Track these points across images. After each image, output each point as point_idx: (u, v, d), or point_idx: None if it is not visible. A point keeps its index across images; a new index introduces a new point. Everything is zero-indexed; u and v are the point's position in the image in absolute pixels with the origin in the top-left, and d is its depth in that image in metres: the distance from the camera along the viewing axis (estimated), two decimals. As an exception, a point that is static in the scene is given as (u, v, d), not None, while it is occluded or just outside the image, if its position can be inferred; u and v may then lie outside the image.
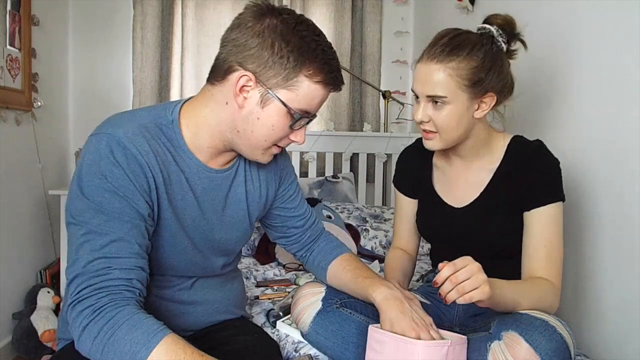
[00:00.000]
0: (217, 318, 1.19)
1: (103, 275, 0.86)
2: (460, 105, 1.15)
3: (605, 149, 1.43)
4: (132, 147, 0.92)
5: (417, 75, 1.18)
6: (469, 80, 1.13)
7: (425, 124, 1.19)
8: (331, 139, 2.87)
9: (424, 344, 0.97)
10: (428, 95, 1.16)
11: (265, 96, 0.95)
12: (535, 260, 1.17)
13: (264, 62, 0.93)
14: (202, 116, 1.01)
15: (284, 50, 0.92)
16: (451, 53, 1.13)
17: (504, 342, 0.98)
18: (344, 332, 1.18)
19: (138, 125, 0.96)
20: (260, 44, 0.92)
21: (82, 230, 0.89)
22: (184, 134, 1.02)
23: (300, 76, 0.94)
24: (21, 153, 2.29)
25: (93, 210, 0.89)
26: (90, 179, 0.90)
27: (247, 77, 0.94)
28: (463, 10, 2.31)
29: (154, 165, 0.95)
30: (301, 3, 2.97)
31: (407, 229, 1.45)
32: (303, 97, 0.96)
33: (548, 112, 1.68)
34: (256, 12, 0.95)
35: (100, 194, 0.89)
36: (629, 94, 1.34)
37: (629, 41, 1.34)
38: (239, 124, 0.98)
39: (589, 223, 1.49)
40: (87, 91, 2.81)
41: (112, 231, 0.88)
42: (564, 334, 0.98)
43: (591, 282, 1.49)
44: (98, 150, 0.91)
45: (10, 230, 2.17)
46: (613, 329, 1.40)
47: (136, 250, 0.90)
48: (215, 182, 1.07)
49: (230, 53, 0.95)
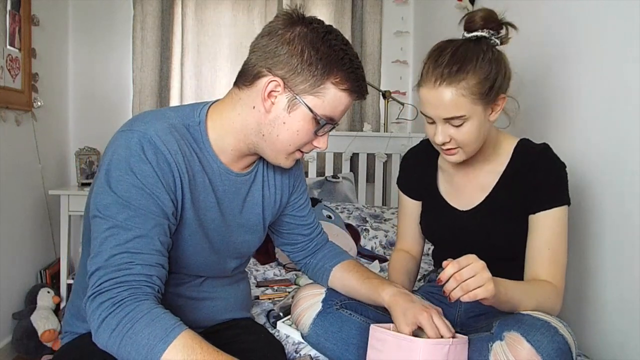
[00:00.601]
0: (224, 316, 1.20)
1: (125, 269, 0.87)
2: (478, 117, 1.14)
3: (606, 151, 1.43)
4: (162, 146, 0.94)
5: (427, 100, 1.15)
6: (482, 94, 1.12)
7: (447, 144, 1.18)
8: (331, 139, 2.85)
9: (425, 342, 0.97)
10: (445, 118, 1.14)
11: (292, 101, 0.97)
12: (539, 263, 1.17)
13: (293, 68, 0.95)
14: (228, 119, 1.03)
15: (313, 57, 0.95)
16: (459, 71, 1.11)
17: (506, 342, 0.98)
18: (344, 334, 1.18)
19: (168, 125, 0.98)
20: (290, 51, 0.95)
21: (107, 224, 0.90)
22: (210, 135, 1.04)
23: (327, 83, 0.97)
24: (21, 153, 2.29)
25: (120, 205, 0.90)
26: (119, 174, 0.91)
27: (276, 83, 0.96)
28: (463, 10, 2.31)
29: (181, 164, 0.97)
30: (301, 3, 2.97)
31: (411, 230, 1.44)
32: (329, 104, 0.98)
33: (549, 115, 1.68)
34: (287, 20, 0.97)
35: (128, 190, 0.90)
36: (630, 96, 1.34)
37: (631, 43, 1.34)
38: (265, 128, 1.00)
39: (590, 224, 1.49)
40: (87, 91, 2.81)
41: (137, 227, 0.90)
42: (565, 335, 0.98)
43: (592, 283, 1.49)
44: (129, 147, 0.92)
45: (10, 230, 2.16)
46: (614, 330, 1.40)
47: (158, 247, 0.91)
48: (235, 186, 1.09)
49: (260, 59, 0.97)
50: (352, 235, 2.25)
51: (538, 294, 1.11)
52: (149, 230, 0.90)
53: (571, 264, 1.55)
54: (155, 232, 0.91)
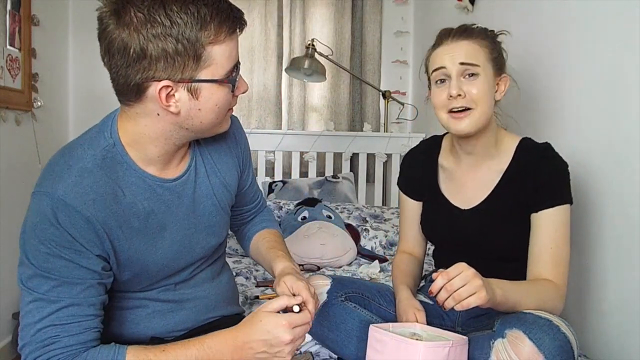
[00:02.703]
0: (210, 314, 1.17)
1: (50, 344, 0.87)
2: (489, 79, 1.20)
3: (607, 150, 1.43)
4: (74, 202, 0.88)
5: (443, 52, 1.20)
6: (491, 54, 1.20)
7: (460, 100, 1.18)
8: (331, 139, 2.87)
9: (425, 345, 0.98)
10: (462, 63, 1.17)
11: (192, 89, 0.89)
12: (541, 262, 1.17)
13: (166, 62, 0.85)
14: (138, 133, 0.95)
15: (169, 42, 0.84)
16: (471, 33, 1.20)
17: (508, 340, 0.98)
18: (347, 326, 1.19)
19: (78, 170, 0.91)
20: (147, 52, 0.84)
21: (30, 297, 0.89)
22: (129, 152, 0.96)
23: (205, 49, 0.87)
24: (21, 153, 2.28)
25: (40, 276, 0.88)
26: (33, 244, 0.88)
27: (165, 86, 0.87)
28: (463, 10, 2.31)
29: (101, 212, 0.91)
30: (301, 3, 2.97)
31: (413, 232, 1.43)
32: (223, 61, 0.90)
33: (550, 114, 1.68)
34: (108, 19, 0.85)
35: (45, 260, 0.88)
36: (630, 95, 1.34)
37: (631, 40, 1.34)
38: (185, 123, 0.93)
39: (591, 224, 1.49)
40: (87, 91, 2.81)
41: (62, 297, 0.88)
42: (567, 334, 0.98)
43: (593, 282, 1.49)
44: (38, 213, 0.88)
45: (10, 230, 2.16)
46: (614, 330, 1.40)
47: (88, 312, 0.90)
48: (176, 191, 1.03)
49: (127, 75, 0.87)
50: (352, 235, 2.25)
51: (538, 294, 1.11)
52: (75, 296, 0.89)
53: (572, 263, 1.55)
54: (83, 297, 0.89)
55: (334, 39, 2.99)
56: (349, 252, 2.14)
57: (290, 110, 3.02)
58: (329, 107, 3.03)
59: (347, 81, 3.01)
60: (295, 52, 2.96)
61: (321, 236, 2.10)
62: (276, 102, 2.98)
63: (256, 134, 2.77)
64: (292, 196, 2.64)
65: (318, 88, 3.03)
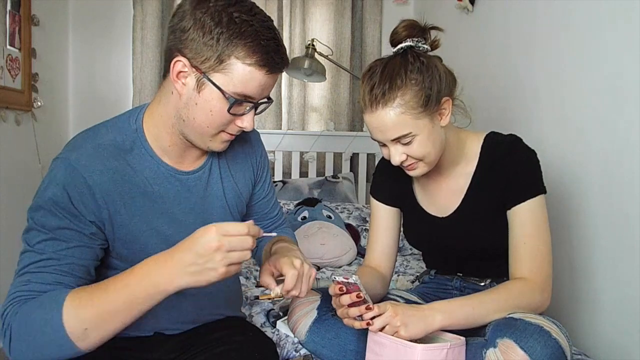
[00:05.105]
0: (211, 313, 1.18)
1: (21, 288, 0.90)
2: (426, 129, 1.12)
3: (602, 147, 1.43)
4: (82, 169, 0.95)
5: (371, 126, 1.14)
6: (421, 105, 1.10)
7: (404, 162, 1.17)
8: (331, 139, 2.87)
9: (423, 347, 0.98)
10: (393, 140, 1.13)
11: (200, 81, 0.93)
12: (517, 259, 1.16)
13: (196, 45, 0.91)
14: (157, 113, 1.02)
15: (213, 32, 0.90)
16: (391, 89, 1.09)
17: (499, 349, 0.98)
18: (340, 340, 1.18)
19: (95, 145, 0.98)
20: (192, 27, 0.91)
21: (22, 249, 0.95)
22: (148, 139, 1.02)
23: (231, 59, 0.91)
24: (21, 153, 2.29)
25: (35, 230, 0.93)
26: (37, 200, 0.94)
27: (182, 63, 0.93)
28: (463, 11, 2.31)
29: (106, 183, 0.97)
30: (301, 3, 2.97)
31: (382, 244, 1.36)
32: (238, 81, 0.92)
33: (543, 114, 1.68)
34: None
35: (42, 215, 0.93)
36: (623, 90, 1.34)
37: (624, 36, 1.34)
38: (183, 111, 0.97)
39: (587, 222, 1.49)
40: (87, 91, 2.81)
41: (46, 251, 0.92)
42: (559, 339, 0.98)
43: (590, 281, 1.49)
44: (50, 174, 0.96)
45: (10, 230, 2.17)
46: (613, 330, 1.41)
47: (65, 269, 0.92)
48: (187, 184, 1.07)
49: (171, 40, 0.94)
50: (352, 235, 2.25)
51: (508, 300, 1.09)
52: (57, 252, 0.92)
53: (570, 263, 1.55)
54: (64, 254, 0.93)
55: (334, 39, 2.99)
56: (349, 252, 2.14)
57: (290, 110, 3.02)
58: (329, 107, 3.03)
59: (347, 81, 3.01)
60: (295, 52, 2.96)
61: (321, 236, 2.10)
62: (276, 102, 2.98)
63: (256, 134, 2.76)
64: (292, 196, 2.64)
65: (318, 88, 3.03)
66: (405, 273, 2.05)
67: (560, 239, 1.58)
